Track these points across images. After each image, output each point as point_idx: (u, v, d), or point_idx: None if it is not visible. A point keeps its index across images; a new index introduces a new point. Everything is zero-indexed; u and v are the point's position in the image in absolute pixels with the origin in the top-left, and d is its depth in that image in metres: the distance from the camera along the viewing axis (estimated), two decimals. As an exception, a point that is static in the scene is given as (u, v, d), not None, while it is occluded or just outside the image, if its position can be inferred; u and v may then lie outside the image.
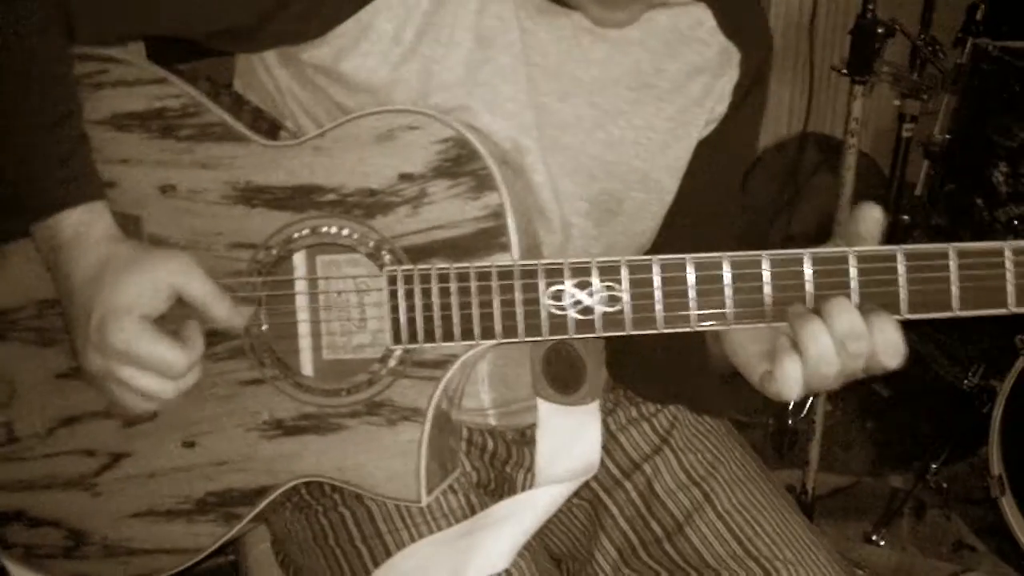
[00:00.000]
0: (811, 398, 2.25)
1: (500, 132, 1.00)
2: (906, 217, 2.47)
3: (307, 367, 1.01)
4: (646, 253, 1.10)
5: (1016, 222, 2.14)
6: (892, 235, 2.43)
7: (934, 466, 2.19)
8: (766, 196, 2.65)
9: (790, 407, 2.28)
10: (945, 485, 2.21)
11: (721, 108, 1.08)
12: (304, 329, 1.00)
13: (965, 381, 2.20)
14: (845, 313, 0.84)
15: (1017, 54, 2.12)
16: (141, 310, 0.90)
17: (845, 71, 1.99)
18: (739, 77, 1.07)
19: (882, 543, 2.16)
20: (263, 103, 1.05)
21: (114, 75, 0.99)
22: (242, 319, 0.96)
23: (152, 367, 0.90)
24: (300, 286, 0.99)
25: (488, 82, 0.99)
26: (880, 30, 1.94)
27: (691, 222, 1.09)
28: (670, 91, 1.05)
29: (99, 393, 0.96)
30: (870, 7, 1.92)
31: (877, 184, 2.63)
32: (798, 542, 1.07)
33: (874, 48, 1.95)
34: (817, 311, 0.86)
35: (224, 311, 0.94)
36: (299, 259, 1.00)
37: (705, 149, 1.08)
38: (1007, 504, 2.01)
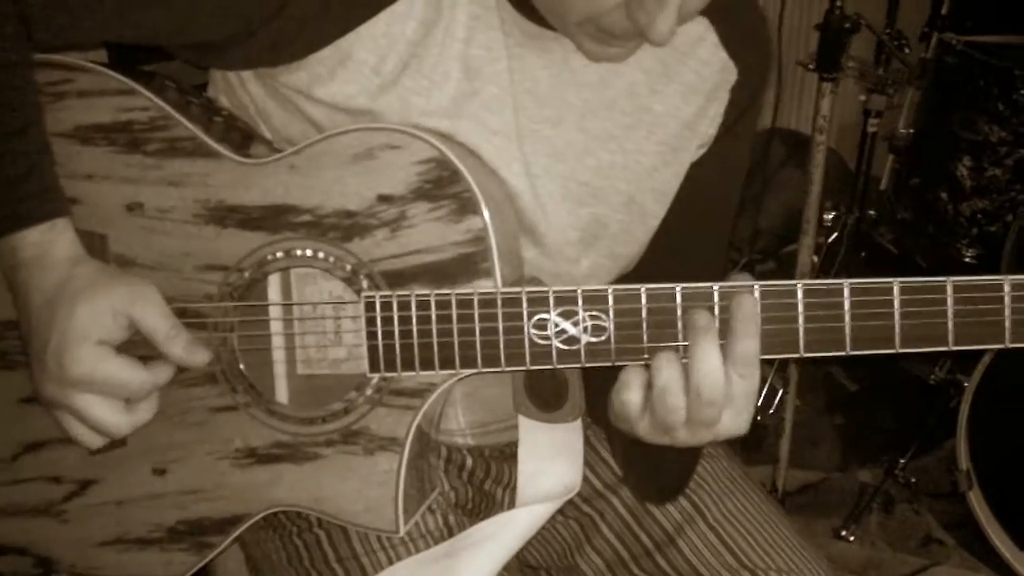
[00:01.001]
0: (780, 392, 2.25)
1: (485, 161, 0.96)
2: (872, 212, 2.48)
3: (281, 385, 0.98)
4: (628, 275, 1.07)
5: (980, 216, 2.15)
6: (858, 230, 2.45)
7: (902, 461, 2.20)
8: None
9: (758, 403, 2.28)
10: (913, 480, 2.21)
11: (712, 131, 1.04)
12: (279, 347, 0.96)
13: (932, 376, 2.21)
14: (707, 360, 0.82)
15: (982, 49, 2.12)
16: (98, 336, 0.87)
17: (812, 67, 1.98)
18: (731, 100, 1.03)
19: (851, 539, 2.16)
20: (236, 110, 1.01)
21: (78, 85, 0.95)
22: (201, 358, 0.92)
23: (112, 391, 0.87)
24: (274, 310, 0.95)
25: (475, 115, 0.95)
26: (846, 25, 1.93)
27: (674, 248, 1.06)
28: (663, 114, 1.01)
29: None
30: (838, 3, 1.91)
31: (842, 179, 2.64)
32: (790, 550, 1.06)
33: (842, 44, 1.94)
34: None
35: (177, 350, 0.90)
36: (273, 277, 0.97)
37: (693, 174, 1.05)
38: (975, 498, 2.02)
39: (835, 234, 2.47)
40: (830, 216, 2.44)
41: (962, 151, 2.13)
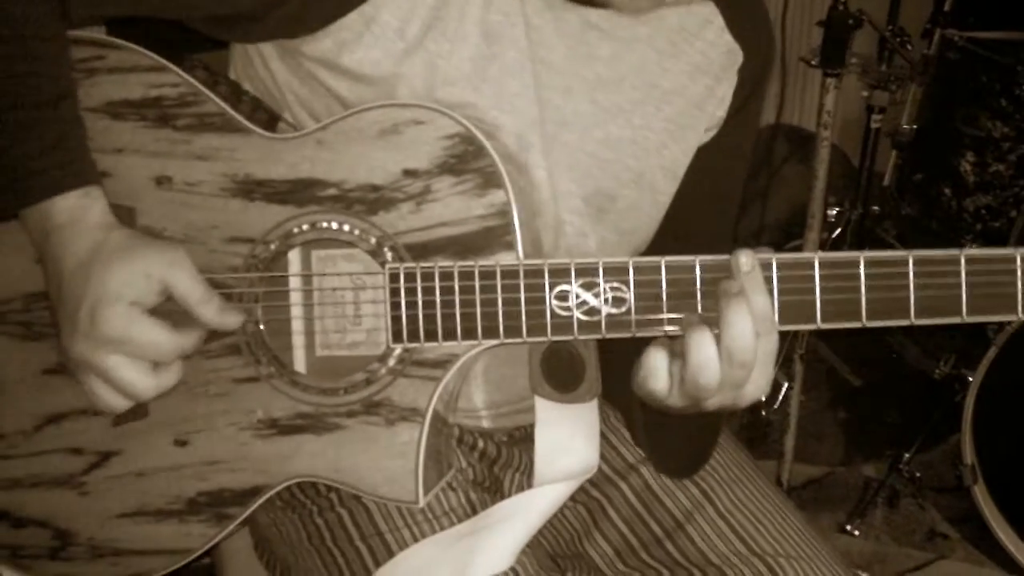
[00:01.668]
0: (784, 387, 2.26)
1: (506, 128, 0.98)
2: (875, 207, 2.49)
3: (300, 365, 0.99)
4: (643, 255, 1.09)
5: (983, 211, 2.15)
6: (862, 225, 2.46)
7: (907, 455, 2.20)
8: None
9: (763, 399, 2.28)
10: (918, 474, 2.22)
11: (721, 113, 1.07)
12: (298, 326, 0.98)
13: (937, 370, 2.21)
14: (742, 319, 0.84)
15: (984, 45, 2.13)
16: (131, 297, 0.88)
17: (815, 63, 1.99)
18: (739, 81, 1.06)
19: (856, 533, 2.16)
20: (260, 94, 1.03)
21: (110, 61, 0.97)
22: (234, 321, 0.93)
23: (142, 352, 0.88)
24: (295, 283, 0.97)
25: (496, 78, 0.97)
26: (849, 21, 1.94)
27: (686, 230, 1.08)
28: (670, 91, 1.04)
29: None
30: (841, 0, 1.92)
31: (846, 175, 2.65)
32: (799, 537, 1.07)
33: (846, 40, 1.95)
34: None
35: (211, 313, 0.92)
36: (294, 255, 0.98)
37: (703, 156, 1.07)
38: (979, 492, 2.02)
39: (839, 230, 2.47)
40: (834, 212, 2.45)
41: (965, 147, 2.13)
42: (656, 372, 0.88)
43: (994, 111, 2.07)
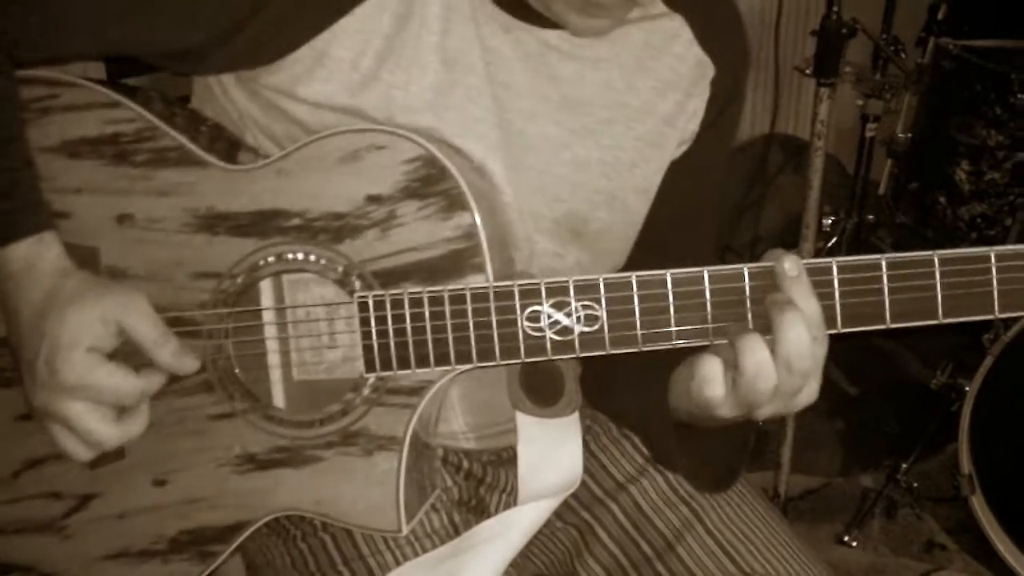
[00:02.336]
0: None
1: (470, 153, 0.96)
2: (871, 216, 2.49)
3: (278, 392, 0.98)
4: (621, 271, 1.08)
5: (979, 220, 2.15)
6: (857, 234, 2.47)
7: (904, 465, 2.20)
8: (731, 197, 2.66)
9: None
10: (916, 484, 2.22)
11: (693, 127, 1.04)
12: (274, 359, 0.96)
13: (933, 380, 2.21)
14: (793, 329, 0.82)
15: (978, 53, 2.13)
16: (88, 343, 0.87)
17: (809, 72, 1.99)
18: (711, 94, 1.03)
19: (854, 544, 2.16)
20: (220, 118, 1.02)
21: (63, 100, 0.95)
22: (190, 365, 0.92)
23: (103, 397, 0.87)
24: (268, 315, 0.95)
25: (457, 105, 0.95)
26: (842, 30, 1.94)
27: (664, 245, 1.06)
28: (640, 109, 1.01)
29: None
30: (835, 8, 1.92)
31: (841, 184, 2.66)
32: (789, 555, 1.06)
33: (840, 50, 1.95)
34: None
35: (167, 356, 0.90)
36: (265, 282, 0.97)
37: (677, 170, 1.05)
38: (977, 503, 2.02)
39: (834, 239, 2.47)
40: (829, 221, 2.45)
41: (960, 155, 2.13)
42: (713, 378, 0.85)
43: (989, 119, 2.07)
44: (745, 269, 0.86)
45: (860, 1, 2.19)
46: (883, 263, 0.85)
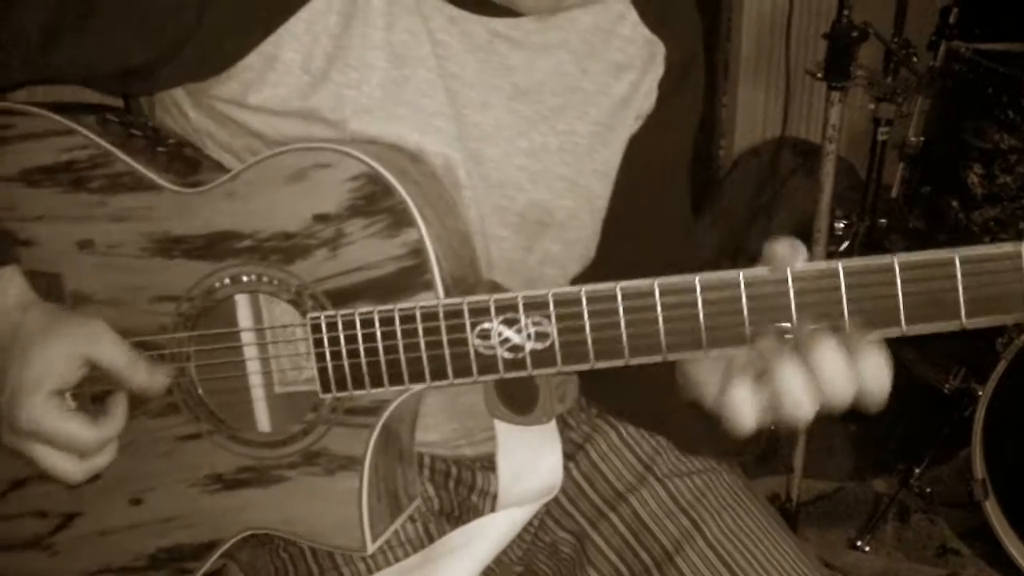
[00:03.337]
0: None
1: (430, 148, 0.94)
2: (883, 220, 2.43)
3: (262, 410, 0.98)
4: (592, 266, 1.04)
5: (992, 224, 2.11)
6: (869, 238, 2.41)
7: (917, 470, 2.16)
8: (743, 201, 2.60)
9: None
10: (929, 489, 2.17)
11: (648, 104, 1.01)
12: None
13: (946, 385, 2.17)
14: (829, 358, 0.76)
15: (990, 56, 2.08)
16: (51, 384, 0.88)
17: (820, 76, 1.95)
18: (665, 69, 1.00)
19: (867, 549, 2.13)
20: (182, 134, 1.01)
21: (20, 129, 0.96)
22: (162, 381, 0.93)
23: (61, 445, 0.88)
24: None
25: (410, 100, 0.93)
26: (854, 34, 1.90)
27: (632, 226, 1.03)
28: (594, 92, 0.98)
29: None
30: (846, 11, 1.87)
31: (854, 187, 2.59)
32: (789, 567, 1.02)
33: (851, 53, 1.91)
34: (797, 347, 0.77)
35: (140, 377, 0.91)
36: (242, 301, 0.96)
37: (635, 146, 1.02)
38: (991, 507, 1.98)
39: (846, 243, 2.43)
40: (841, 225, 2.42)
41: (972, 159, 2.10)
42: (742, 412, 0.78)
43: (1001, 123, 2.02)
44: (697, 280, 0.82)
45: (871, 4, 2.17)
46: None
